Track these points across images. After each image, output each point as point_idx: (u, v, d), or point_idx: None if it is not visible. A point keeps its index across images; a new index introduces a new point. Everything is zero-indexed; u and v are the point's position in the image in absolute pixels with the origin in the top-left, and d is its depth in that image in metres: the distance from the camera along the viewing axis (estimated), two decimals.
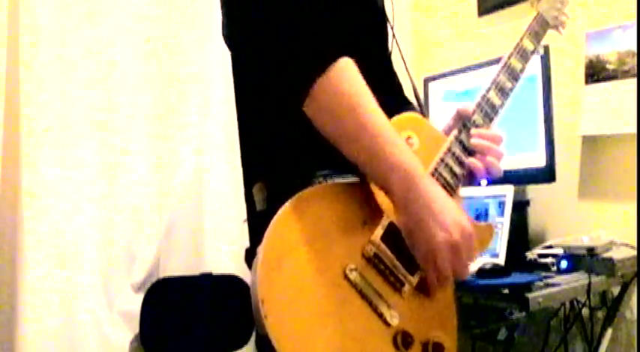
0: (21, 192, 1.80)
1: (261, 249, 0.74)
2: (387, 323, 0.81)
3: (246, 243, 2.26)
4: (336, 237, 0.80)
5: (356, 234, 0.82)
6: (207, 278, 2.01)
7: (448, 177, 0.93)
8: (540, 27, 1.12)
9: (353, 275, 0.79)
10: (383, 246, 0.83)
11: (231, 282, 2.05)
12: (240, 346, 2.04)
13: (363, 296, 0.80)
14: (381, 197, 0.85)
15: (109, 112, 1.99)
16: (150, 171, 2.05)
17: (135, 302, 1.91)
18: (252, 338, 2.07)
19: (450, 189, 0.92)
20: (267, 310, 0.71)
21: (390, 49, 1.08)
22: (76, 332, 1.84)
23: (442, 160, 0.94)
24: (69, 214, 1.87)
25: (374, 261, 0.82)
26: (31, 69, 1.83)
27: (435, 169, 0.92)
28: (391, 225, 0.84)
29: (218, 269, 2.06)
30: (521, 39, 1.09)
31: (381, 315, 0.80)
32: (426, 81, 2.24)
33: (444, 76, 2.21)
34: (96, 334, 1.88)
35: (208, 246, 2.10)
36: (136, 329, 1.89)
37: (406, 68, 1.13)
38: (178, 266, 2.05)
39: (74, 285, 1.86)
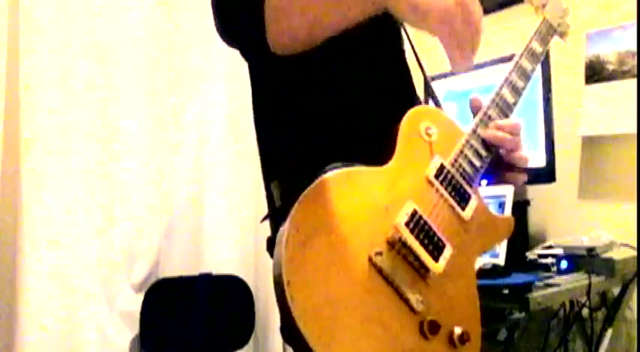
0: (21, 192, 1.80)
1: (284, 232, 0.73)
2: (413, 310, 0.79)
3: (246, 243, 2.25)
4: (360, 222, 0.79)
5: (379, 219, 0.81)
6: (207, 278, 2.01)
7: (468, 168, 0.94)
8: (547, 32, 1.15)
9: (379, 260, 0.78)
10: (407, 231, 0.82)
11: (231, 282, 2.05)
12: (240, 346, 2.04)
13: (389, 281, 0.79)
14: (403, 183, 0.85)
15: (109, 112, 1.99)
16: (150, 172, 2.05)
17: (135, 302, 1.91)
18: (252, 339, 2.07)
19: (470, 180, 0.94)
20: (292, 292, 0.70)
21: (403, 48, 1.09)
22: (76, 332, 1.84)
23: (461, 152, 0.95)
24: (69, 214, 1.87)
25: (398, 247, 0.81)
26: (31, 69, 1.83)
27: (455, 160, 0.94)
28: (414, 211, 0.84)
29: (218, 269, 2.06)
30: (530, 41, 1.11)
31: (407, 301, 0.79)
32: None
33: (444, 76, 2.21)
34: (96, 334, 1.88)
35: (208, 246, 2.10)
36: (136, 329, 1.89)
37: (420, 64, 1.13)
38: (178, 266, 2.05)
39: (74, 285, 1.86)
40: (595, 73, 1.88)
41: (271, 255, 0.87)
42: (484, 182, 1.60)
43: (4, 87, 1.77)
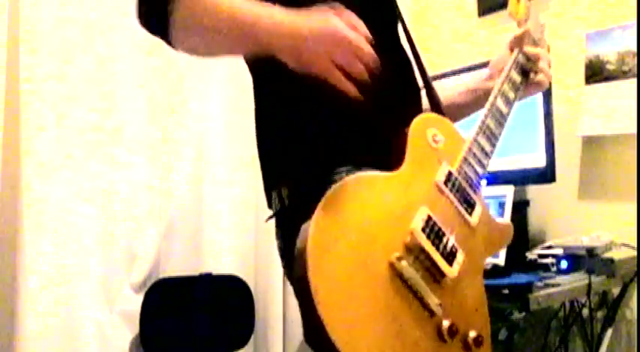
0: (21, 192, 1.80)
1: (308, 242, 0.74)
2: (432, 313, 0.81)
3: (246, 243, 2.24)
4: (379, 226, 0.81)
5: (396, 225, 0.83)
6: (207, 278, 2.01)
7: (471, 175, 0.97)
8: (531, 45, 1.18)
9: (398, 265, 0.79)
10: (424, 237, 0.83)
11: (231, 282, 2.05)
12: (241, 346, 2.04)
13: (408, 285, 0.80)
14: (415, 189, 0.88)
15: (109, 112, 1.98)
16: (150, 171, 2.05)
17: (135, 302, 1.91)
18: (252, 339, 2.07)
19: (474, 187, 0.97)
20: (320, 298, 0.71)
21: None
22: (76, 332, 1.84)
23: (465, 159, 0.98)
24: (69, 214, 1.87)
25: (415, 252, 0.82)
26: (31, 69, 1.83)
27: (460, 167, 0.96)
28: (429, 217, 0.86)
29: (218, 269, 2.06)
30: (518, 53, 1.15)
31: (426, 305, 0.81)
32: None
33: (444, 76, 2.21)
34: (96, 334, 1.88)
35: (208, 246, 2.10)
36: (136, 329, 1.89)
37: (420, 62, 1.14)
38: (178, 266, 2.05)
39: (74, 285, 1.86)
40: (595, 73, 1.88)
41: (283, 262, 0.87)
42: (484, 182, 1.60)
43: (4, 87, 1.77)
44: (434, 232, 0.85)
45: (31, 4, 1.83)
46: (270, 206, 1.04)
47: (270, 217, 1.02)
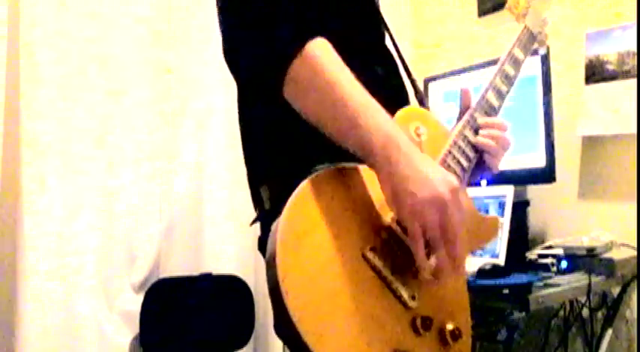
0: (21, 193, 1.80)
1: (279, 229, 0.74)
2: (405, 306, 0.80)
3: (246, 243, 2.24)
4: (352, 219, 0.80)
5: (371, 216, 0.82)
6: (207, 278, 2.01)
7: (456, 168, 0.95)
8: (528, 39, 1.16)
9: (371, 256, 0.79)
10: (399, 228, 0.83)
11: (231, 282, 2.05)
12: (240, 346, 2.04)
13: (382, 277, 0.79)
14: None
15: (109, 113, 1.99)
16: (150, 171, 2.05)
17: (135, 302, 1.91)
18: (252, 339, 2.07)
19: (459, 180, 0.93)
20: (287, 287, 0.71)
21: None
22: (76, 332, 1.84)
23: (449, 152, 0.96)
24: (69, 214, 1.87)
25: (390, 244, 0.82)
26: (31, 70, 1.83)
27: (444, 160, 0.95)
28: None
29: (218, 269, 2.06)
30: (512, 47, 1.13)
31: (399, 297, 0.80)
32: (426, 81, 2.24)
33: (444, 76, 2.21)
34: (96, 334, 1.88)
35: (208, 246, 2.10)
36: (136, 329, 1.89)
37: (405, 67, 1.13)
38: (178, 267, 2.05)
39: (74, 285, 1.86)
40: (595, 73, 1.88)
41: (263, 255, 0.87)
42: (484, 182, 1.59)
43: (4, 87, 1.77)
44: None
45: (31, 4, 1.83)
46: (255, 208, 1.02)
47: (254, 221, 1.01)
